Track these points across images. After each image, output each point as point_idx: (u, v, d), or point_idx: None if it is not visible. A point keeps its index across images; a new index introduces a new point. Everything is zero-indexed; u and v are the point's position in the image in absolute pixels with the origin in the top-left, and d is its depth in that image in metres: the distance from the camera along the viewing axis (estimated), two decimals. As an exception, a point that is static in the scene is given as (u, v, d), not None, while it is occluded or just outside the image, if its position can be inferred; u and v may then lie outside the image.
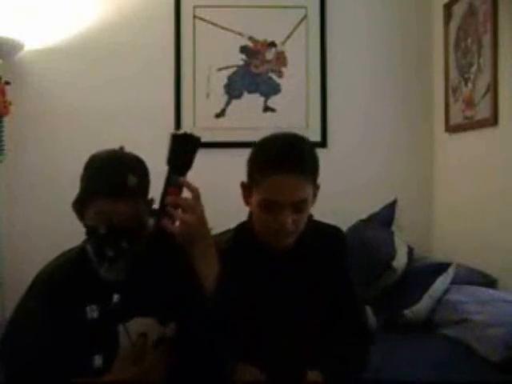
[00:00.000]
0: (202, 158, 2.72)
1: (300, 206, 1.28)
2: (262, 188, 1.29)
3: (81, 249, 1.39)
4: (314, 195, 1.34)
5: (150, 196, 1.38)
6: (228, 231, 1.47)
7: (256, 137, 3.44)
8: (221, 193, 2.94)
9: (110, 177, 1.30)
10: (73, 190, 3.15)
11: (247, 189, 1.36)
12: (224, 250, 1.29)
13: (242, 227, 1.44)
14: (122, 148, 1.43)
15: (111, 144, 3.17)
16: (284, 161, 1.26)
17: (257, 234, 1.37)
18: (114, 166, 1.32)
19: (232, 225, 1.49)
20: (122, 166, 1.33)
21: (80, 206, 1.35)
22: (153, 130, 2.95)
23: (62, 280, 1.34)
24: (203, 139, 3.57)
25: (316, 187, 1.35)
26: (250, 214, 1.43)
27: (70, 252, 1.44)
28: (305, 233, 1.37)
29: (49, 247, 2.77)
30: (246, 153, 3.13)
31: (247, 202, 1.38)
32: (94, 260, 1.34)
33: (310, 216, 1.40)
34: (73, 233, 2.62)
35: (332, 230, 1.47)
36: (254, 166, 1.34)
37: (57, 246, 2.57)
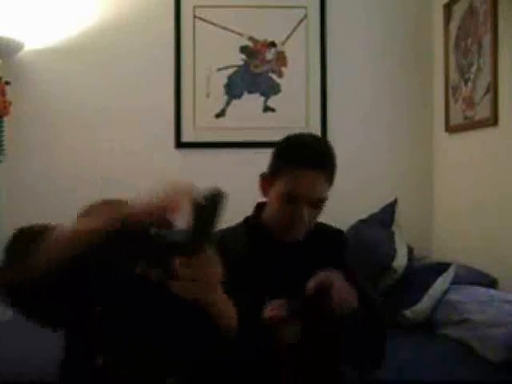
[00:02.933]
0: (202, 157, 2.75)
1: (318, 203, 1.33)
2: (286, 180, 1.32)
3: None
4: None
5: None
6: (232, 227, 1.47)
7: (256, 137, 3.43)
8: (221, 193, 2.94)
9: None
10: (73, 189, 3.16)
11: (267, 180, 1.39)
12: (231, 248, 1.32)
13: (250, 220, 1.46)
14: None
15: (111, 144, 3.18)
16: (310, 156, 1.32)
17: (266, 225, 1.40)
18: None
19: (231, 223, 1.49)
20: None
21: None
22: (153, 130, 2.95)
23: None
24: (203, 139, 3.57)
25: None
26: (257, 208, 1.47)
27: None
28: (311, 230, 1.41)
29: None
30: (246, 153, 3.15)
31: (265, 193, 1.41)
32: None
33: None
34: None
35: (336, 233, 1.51)
36: (280, 158, 1.37)
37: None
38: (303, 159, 1.31)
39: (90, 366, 1.09)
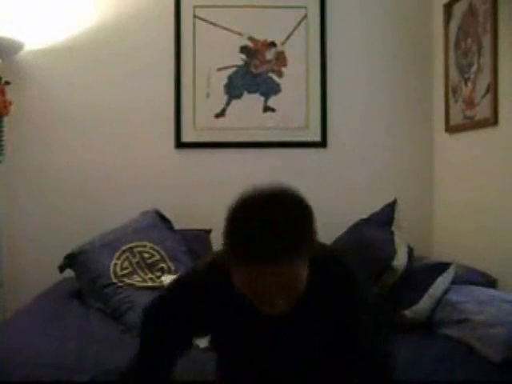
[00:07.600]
0: (201, 157, 2.74)
1: (290, 288, 1.05)
2: (239, 277, 1.05)
3: None
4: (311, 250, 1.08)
5: None
6: (198, 277, 1.26)
7: (256, 137, 3.43)
8: (220, 192, 2.94)
9: None
10: (72, 189, 3.16)
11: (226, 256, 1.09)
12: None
13: (216, 267, 1.18)
14: None
15: (111, 143, 3.17)
16: (255, 251, 0.99)
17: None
18: None
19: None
20: None
21: None
22: (153, 129, 2.95)
23: None
24: (203, 139, 3.58)
25: (310, 251, 1.07)
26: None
27: None
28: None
29: (49, 247, 2.78)
30: (246, 153, 3.15)
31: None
32: None
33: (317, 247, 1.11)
34: (73, 233, 2.62)
35: (343, 277, 1.23)
36: (225, 242, 1.07)
37: (57, 246, 2.57)
38: (250, 254, 1.00)
39: None
